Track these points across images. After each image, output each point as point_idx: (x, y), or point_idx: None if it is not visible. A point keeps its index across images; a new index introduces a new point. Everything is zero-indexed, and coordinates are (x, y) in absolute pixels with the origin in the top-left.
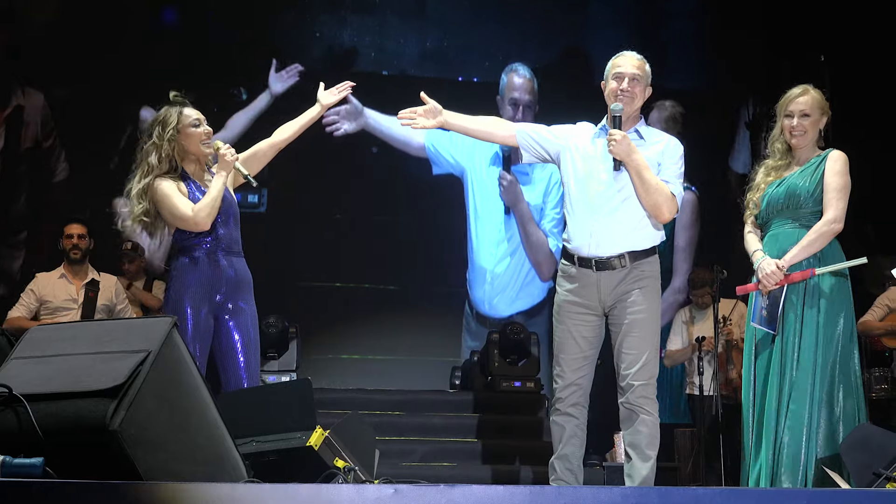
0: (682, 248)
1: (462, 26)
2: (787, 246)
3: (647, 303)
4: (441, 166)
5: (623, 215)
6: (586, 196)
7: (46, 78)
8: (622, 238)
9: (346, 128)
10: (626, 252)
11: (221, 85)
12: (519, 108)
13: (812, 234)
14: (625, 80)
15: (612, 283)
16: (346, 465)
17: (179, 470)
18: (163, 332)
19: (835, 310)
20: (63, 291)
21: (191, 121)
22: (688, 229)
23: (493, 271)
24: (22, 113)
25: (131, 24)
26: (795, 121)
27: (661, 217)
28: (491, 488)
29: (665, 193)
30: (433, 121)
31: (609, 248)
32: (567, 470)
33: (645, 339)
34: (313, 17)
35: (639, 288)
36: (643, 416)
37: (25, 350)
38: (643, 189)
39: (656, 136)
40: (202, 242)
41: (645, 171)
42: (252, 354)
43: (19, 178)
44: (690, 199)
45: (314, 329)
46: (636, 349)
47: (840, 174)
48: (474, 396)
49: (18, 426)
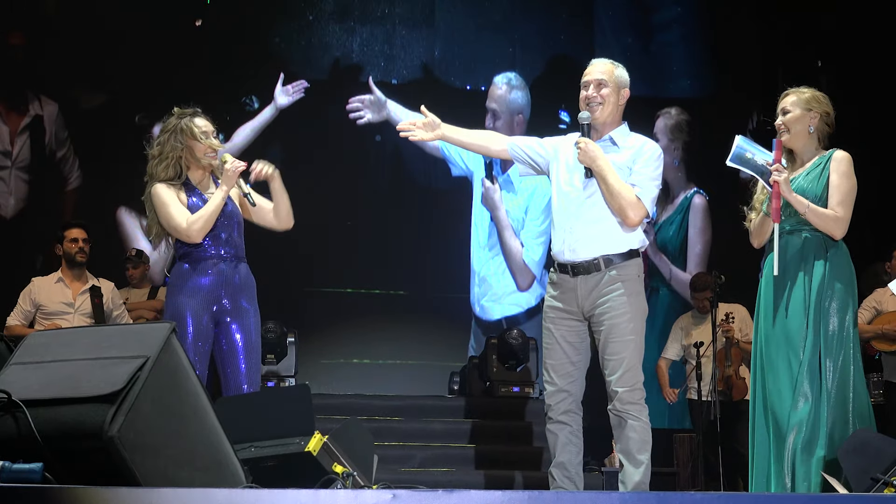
0: (698, 254)
1: (469, 36)
2: (792, 251)
3: (625, 307)
4: (457, 167)
5: (596, 220)
6: (563, 203)
7: (61, 87)
8: (595, 242)
9: (370, 117)
10: (600, 256)
11: (233, 94)
12: (493, 117)
13: (820, 209)
14: (590, 87)
15: (588, 287)
16: (344, 471)
17: (178, 475)
18: (161, 338)
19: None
20: (59, 296)
21: (198, 131)
22: (703, 234)
23: (480, 274)
24: (41, 122)
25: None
26: (779, 119)
27: (627, 220)
28: (489, 493)
29: (628, 198)
30: (431, 133)
31: (584, 252)
32: (566, 478)
33: (624, 344)
34: (322, 27)
35: (616, 292)
36: (631, 421)
37: (24, 356)
38: (608, 194)
39: (632, 141)
40: (204, 249)
41: (609, 175)
42: (253, 360)
43: (37, 185)
44: (701, 203)
45: (312, 335)
46: (616, 355)
47: (846, 175)
48: (473, 402)
49: (17, 432)
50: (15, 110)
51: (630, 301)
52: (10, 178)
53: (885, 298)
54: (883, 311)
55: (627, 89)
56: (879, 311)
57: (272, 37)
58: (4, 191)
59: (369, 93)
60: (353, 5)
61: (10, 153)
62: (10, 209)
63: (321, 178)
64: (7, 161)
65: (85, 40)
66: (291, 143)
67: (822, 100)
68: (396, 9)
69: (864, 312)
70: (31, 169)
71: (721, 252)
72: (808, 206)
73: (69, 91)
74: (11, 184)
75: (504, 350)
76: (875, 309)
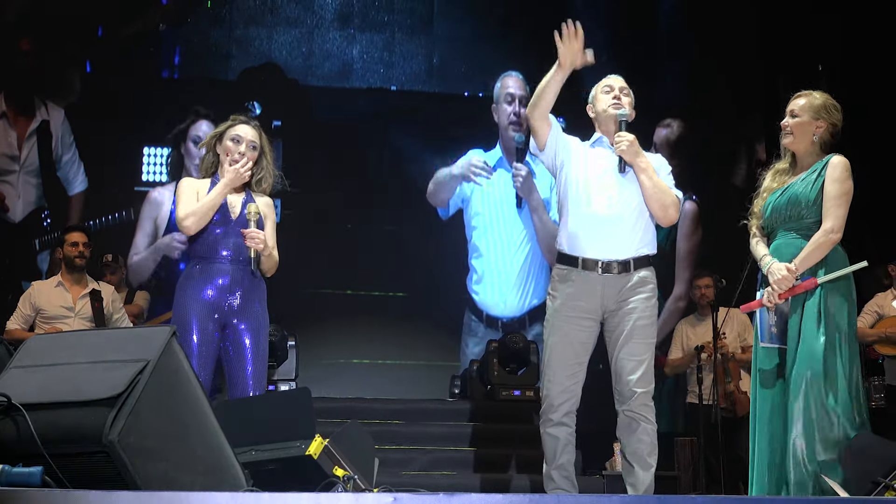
0: (684, 258)
1: (467, 43)
2: (789, 258)
3: (650, 309)
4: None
5: (630, 221)
6: (591, 202)
7: (67, 93)
8: (628, 244)
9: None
10: (631, 258)
11: (235, 100)
12: (514, 101)
13: (811, 245)
14: (615, 90)
15: (616, 287)
16: (345, 474)
17: (178, 479)
18: (162, 342)
19: (835, 311)
20: (59, 300)
21: (232, 135)
22: (689, 238)
23: (478, 272)
24: (48, 127)
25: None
26: (786, 119)
27: (668, 217)
28: (490, 497)
29: (672, 195)
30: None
31: (616, 252)
32: (565, 479)
33: (647, 345)
34: (322, 34)
35: (643, 294)
36: (644, 424)
37: (24, 359)
38: (654, 189)
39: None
40: (215, 250)
41: (653, 173)
42: (260, 363)
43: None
44: (692, 208)
45: (313, 338)
46: (638, 356)
47: (839, 181)
48: (474, 405)
49: (17, 435)
50: (23, 115)
51: (653, 304)
52: (18, 182)
53: (886, 302)
54: (885, 315)
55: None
56: (881, 315)
57: (275, 44)
58: (13, 194)
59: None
60: (352, 13)
61: (18, 157)
62: (18, 213)
63: (321, 181)
64: (15, 165)
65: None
66: (291, 147)
67: (833, 110)
68: (396, 16)
69: (866, 316)
70: (38, 173)
71: (706, 255)
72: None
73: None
74: (19, 188)
75: (505, 353)
76: (877, 313)
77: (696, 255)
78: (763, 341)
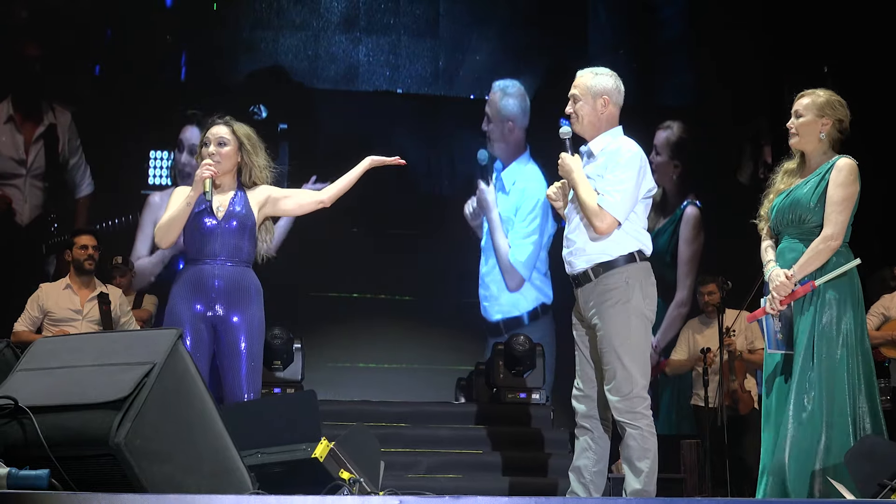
0: (685, 262)
1: (473, 46)
2: (791, 263)
3: (613, 316)
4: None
5: (582, 231)
6: (567, 218)
7: (74, 96)
8: (583, 254)
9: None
10: (589, 267)
11: (241, 103)
12: (485, 117)
13: (809, 252)
14: (568, 104)
15: (585, 298)
16: (351, 477)
17: (184, 482)
18: (168, 344)
19: (843, 314)
20: (67, 302)
21: (205, 138)
22: (690, 243)
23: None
24: (55, 130)
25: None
26: (791, 121)
27: (594, 229)
28: (496, 500)
29: (591, 207)
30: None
31: (577, 264)
32: (579, 483)
33: (612, 354)
34: (328, 37)
35: (603, 301)
36: (629, 430)
37: (31, 362)
38: (580, 206)
39: (611, 147)
40: (200, 252)
41: (578, 187)
42: (253, 365)
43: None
44: (694, 213)
45: (318, 341)
46: (607, 365)
47: (842, 185)
48: (480, 408)
49: (24, 438)
50: (30, 119)
51: (618, 310)
52: (25, 185)
53: (892, 304)
54: (891, 316)
55: (607, 96)
56: (887, 317)
57: (280, 48)
58: (20, 198)
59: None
60: (358, 16)
61: (25, 161)
62: (25, 216)
63: (327, 183)
64: (22, 169)
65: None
66: (297, 150)
67: (838, 106)
68: (401, 19)
69: (872, 318)
70: (45, 177)
71: (711, 258)
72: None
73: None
74: (26, 191)
75: (511, 356)
76: (883, 315)
77: (698, 260)
78: (770, 348)
